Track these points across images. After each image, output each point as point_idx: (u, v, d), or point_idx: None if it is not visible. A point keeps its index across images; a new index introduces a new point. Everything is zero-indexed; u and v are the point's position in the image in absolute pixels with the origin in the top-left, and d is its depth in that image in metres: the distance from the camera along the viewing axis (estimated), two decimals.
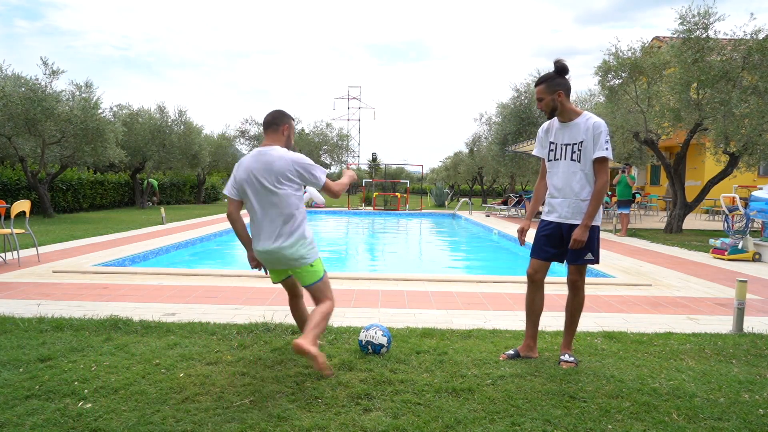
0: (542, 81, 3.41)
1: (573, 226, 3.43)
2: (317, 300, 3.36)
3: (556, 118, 3.50)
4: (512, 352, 3.60)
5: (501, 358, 3.55)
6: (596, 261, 3.52)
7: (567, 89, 3.41)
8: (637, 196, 20.35)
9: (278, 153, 3.25)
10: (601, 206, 3.43)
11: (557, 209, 3.49)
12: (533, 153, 3.78)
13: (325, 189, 3.36)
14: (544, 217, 3.62)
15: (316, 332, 3.10)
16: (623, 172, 12.75)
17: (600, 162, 3.34)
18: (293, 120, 3.51)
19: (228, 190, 3.37)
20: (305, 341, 2.94)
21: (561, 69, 3.38)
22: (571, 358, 3.47)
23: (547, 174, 3.59)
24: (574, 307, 3.59)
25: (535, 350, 3.65)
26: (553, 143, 3.51)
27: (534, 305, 3.66)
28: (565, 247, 3.53)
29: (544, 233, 3.60)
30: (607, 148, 3.31)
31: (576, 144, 3.39)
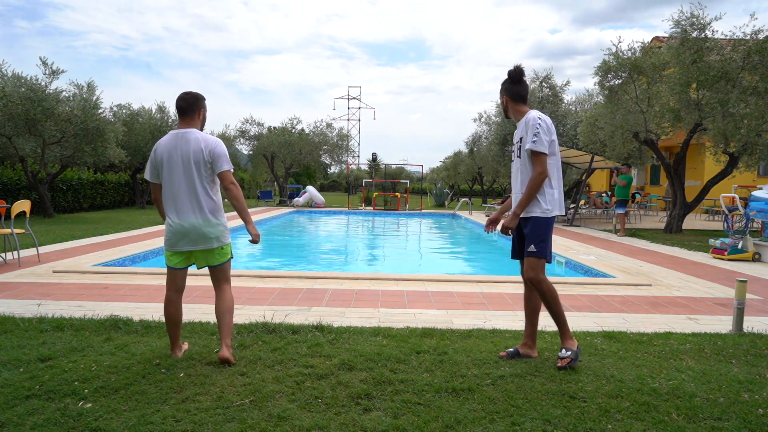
0: (501, 85, 3.67)
1: (526, 220, 3.48)
2: (219, 281, 3.59)
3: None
4: (512, 350, 3.61)
5: (501, 355, 3.57)
6: (540, 255, 3.40)
7: (511, 94, 3.59)
8: (637, 196, 20.37)
9: (195, 136, 3.41)
10: (538, 197, 3.40)
11: (513, 205, 3.62)
12: None
13: (220, 177, 3.45)
14: None
15: (232, 335, 3.35)
16: (616, 172, 12.83)
17: (532, 155, 3.38)
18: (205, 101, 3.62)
19: (148, 175, 3.53)
20: (230, 352, 3.33)
21: (509, 75, 3.60)
22: (567, 353, 3.41)
23: None
24: (547, 302, 3.46)
25: (535, 350, 3.65)
26: (514, 144, 3.68)
27: (530, 303, 3.67)
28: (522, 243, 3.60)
29: (514, 232, 3.67)
30: (534, 141, 3.35)
31: (518, 141, 3.54)
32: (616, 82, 13.24)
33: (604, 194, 20.18)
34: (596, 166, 16.84)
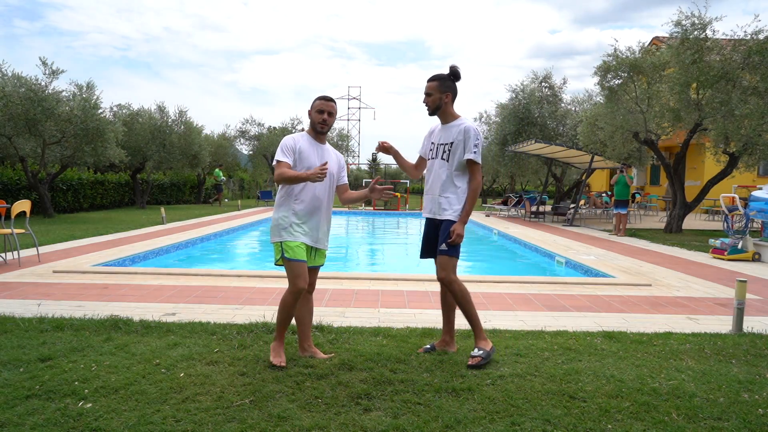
0: (436, 79, 3.57)
1: (438, 222, 3.57)
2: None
3: (439, 121, 3.66)
4: (428, 347, 3.70)
5: (419, 351, 3.64)
6: (451, 254, 3.50)
7: (454, 93, 3.60)
8: (637, 196, 20.36)
9: None
10: (452, 199, 3.51)
11: (426, 206, 3.69)
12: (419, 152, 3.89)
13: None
14: (423, 215, 3.79)
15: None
16: (621, 171, 12.70)
17: (471, 165, 3.50)
18: (318, 101, 3.55)
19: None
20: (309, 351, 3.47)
21: (454, 74, 3.58)
22: (479, 352, 3.44)
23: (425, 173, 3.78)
24: (459, 301, 3.56)
25: (453, 345, 3.72)
26: (432, 144, 3.68)
27: (445, 301, 3.75)
28: (433, 242, 3.64)
29: (424, 232, 3.73)
30: (475, 152, 3.47)
31: (448, 144, 3.55)
32: (616, 82, 13.25)
33: (604, 194, 20.18)
34: (596, 166, 16.84)
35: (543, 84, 20.84)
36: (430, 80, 3.58)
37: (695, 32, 11.05)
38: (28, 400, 2.80)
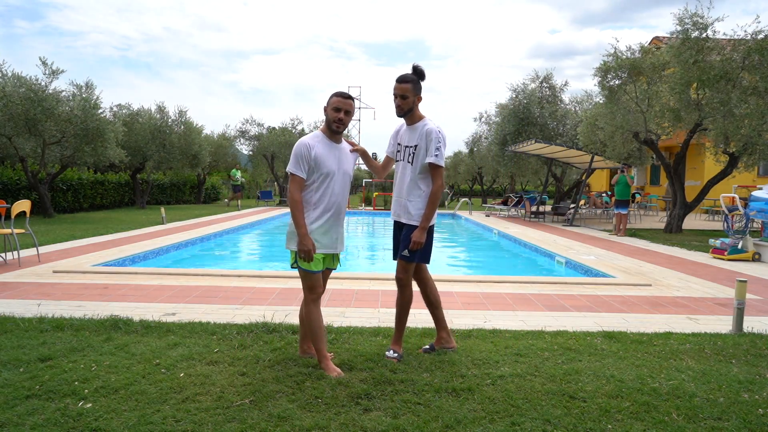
0: (409, 80, 3.45)
1: (402, 224, 3.56)
2: None
3: (405, 122, 3.59)
4: (428, 347, 3.72)
5: (419, 352, 3.66)
6: (408, 259, 3.48)
7: (420, 95, 3.53)
8: (637, 196, 20.36)
9: None
10: (418, 204, 3.47)
11: (393, 208, 3.66)
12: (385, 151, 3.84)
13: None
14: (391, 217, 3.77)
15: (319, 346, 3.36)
16: (622, 171, 12.68)
17: (432, 168, 3.44)
18: (334, 98, 3.40)
19: None
20: (324, 363, 3.31)
21: (420, 74, 3.49)
22: (394, 354, 3.50)
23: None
24: (401, 305, 3.58)
25: (451, 341, 3.73)
26: (399, 144, 3.63)
27: (428, 299, 3.75)
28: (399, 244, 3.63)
29: (393, 233, 3.71)
30: (437, 155, 3.41)
31: (412, 147, 3.50)
32: (616, 83, 13.25)
33: (604, 194, 20.17)
34: (596, 166, 16.84)
35: (543, 84, 20.84)
36: (402, 81, 3.44)
37: (697, 32, 11.04)
38: (28, 400, 2.80)
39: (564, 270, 8.46)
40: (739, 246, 8.78)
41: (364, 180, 30.64)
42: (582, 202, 17.81)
